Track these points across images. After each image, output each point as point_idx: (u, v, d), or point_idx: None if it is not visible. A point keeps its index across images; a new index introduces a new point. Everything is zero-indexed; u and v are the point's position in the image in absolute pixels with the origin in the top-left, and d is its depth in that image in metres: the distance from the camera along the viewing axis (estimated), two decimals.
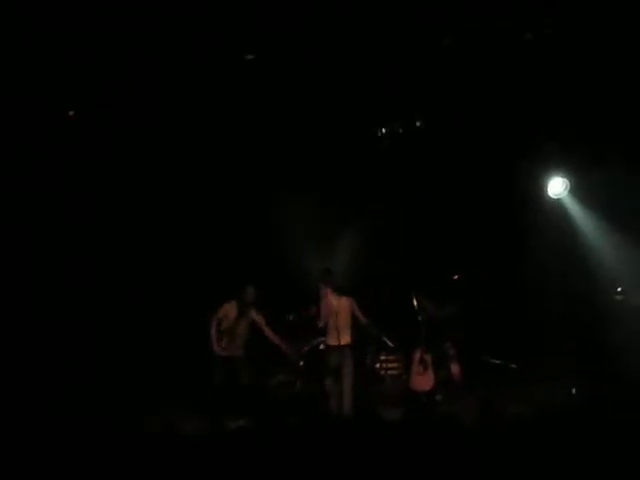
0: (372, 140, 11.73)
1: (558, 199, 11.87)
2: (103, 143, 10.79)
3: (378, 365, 11.49)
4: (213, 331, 9.85)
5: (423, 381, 10.52)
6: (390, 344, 11.59)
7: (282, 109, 10.58)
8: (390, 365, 11.60)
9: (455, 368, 10.84)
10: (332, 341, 9.95)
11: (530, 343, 11.69)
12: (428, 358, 10.55)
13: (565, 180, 11.69)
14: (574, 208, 11.92)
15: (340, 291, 10.12)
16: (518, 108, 10.79)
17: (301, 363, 10.84)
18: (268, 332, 10.02)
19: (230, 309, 9.95)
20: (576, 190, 11.75)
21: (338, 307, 9.96)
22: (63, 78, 9.50)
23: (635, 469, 4.55)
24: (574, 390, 9.01)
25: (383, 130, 11.69)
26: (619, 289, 10.86)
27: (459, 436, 5.44)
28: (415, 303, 10.84)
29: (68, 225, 11.15)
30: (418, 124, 11.53)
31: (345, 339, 9.90)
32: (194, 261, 12.04)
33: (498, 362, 11.87)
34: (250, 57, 9.66)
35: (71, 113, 10.45)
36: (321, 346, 10.89)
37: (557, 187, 11.76)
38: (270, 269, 11.89)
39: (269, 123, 10.84)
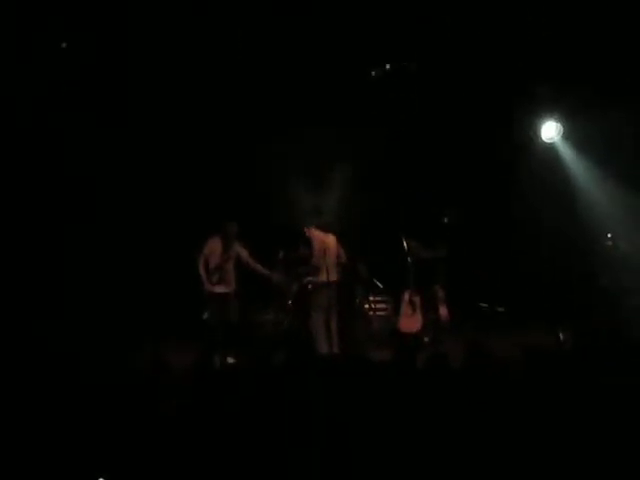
0: (366, 78, 11.58)
1: (551, 143, 11.86)
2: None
3: (367, 306, 11.54)
4: (202, 269, 9.70)
5: (411, 322, 10.58)
6: (379, 285, 11.64)
7: (271, 44, 10.40)
8: (379, 306, 11.66)
9: (443, 310, 10.88)
10: (321, 278, 9.92)
11: (519, 287, 11.76)
12: (417, 300, 10.60)
13: (558, 125, 11.66)
14: (567, 152, 11.90)
15: (325, 228, 10.09)
16: (512, 52, 10.70)
17: (290, 302, 10.83)
18: (254, 265, 9.96)
19: (215, 245, 9.80)
20: (569, 135, 11.73)
21: (327, 243, 9.95)
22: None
23: (621, 407, 4.61)
24: (561, 335, 9.07)
25: (376, 71, 11.55)
26: (609, 235, 10.89)
27: (446, 376, 5.48)
28: (405, 245, 10.84)
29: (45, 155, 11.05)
30: (412, 66, 11.39)
31: (333, 276, 9.88)
32: (181, 195, 11.99)
33: (486, 305, 11.96)
34: None
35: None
36: (309, 286, 10.91)
37: (550, 131, 11.74)
38: (259, 207, 11.89)
39: (260, 58, 10.67)
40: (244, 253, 9.94)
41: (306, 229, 10.01)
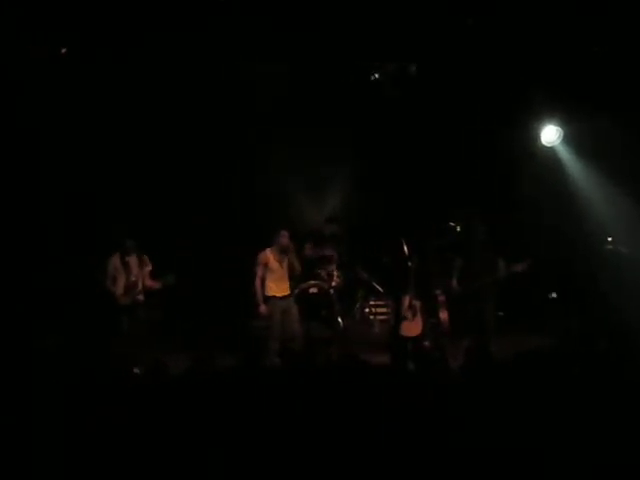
0: (366, 83, 11.60)
1: (552, 147, 11.85)
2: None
3: (367, 310, 11.54)
4: (108, 284, 9.69)
5: (411, 327, 10.55)
6: (379, 289, 11.64)
7: (272, 45, 10.40)
8: (379, 310, 11.66)
9: (444, 315, 10.86)
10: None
11: (519, 291, 11.74)
12: (417, 304, 10.57)
13: (559, 129, 11.65)
14: (567, 156, 11.89)
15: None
16: (513, 56, 10.70)
17: None
18: (147, 281, 9.84)
19: (115, 260, 9.76)
20: (570, 139, 11.72)
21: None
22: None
23: (621, 409, 4.61)
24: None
25: (377, 75, 11.56)
26: (609, 239, 10.89)
27: (445, 381, 5.47)
28: (405, 249, 10.84)
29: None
30: (412, 68, 11.40)
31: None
32: (181, 200, 12.02)
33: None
34: None
35: (64, 50, 10.36)
36: (311, 290, 10.94)
37: (551, 135, 11.73)
38: (260, 213, 11.93)
39: (261, 58, 10.67)
40: (141, 268, 9.86)
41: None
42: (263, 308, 9.69)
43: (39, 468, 4.28)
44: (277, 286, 9.78)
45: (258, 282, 9.71)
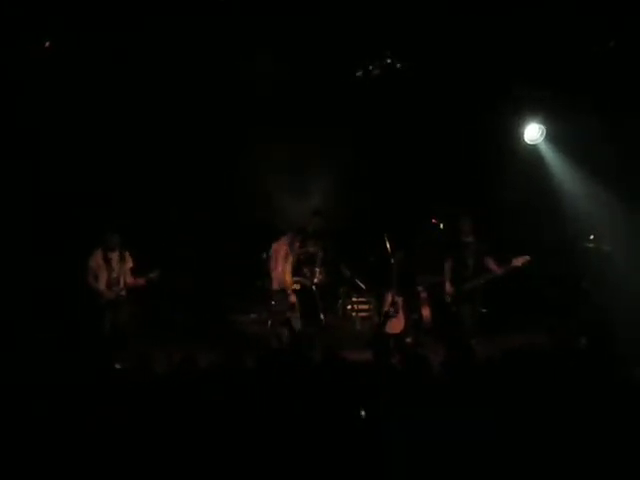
0: (349, 77, 11.57)
1: (534, 145, 11.87)
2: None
3: (349, 307, 11.54)
4: (90, 280, 9.69)
5: (394, 324, 10.55)
6: (362, 286, 11.64)
7: (256, 42, 10.38)
8: (361, 307, 11.66)
9: (426, 311, 10.87)
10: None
11: (501, 288, 11.76)
12: (399, 301, 10.57)
13: (541, 126, 11.67)
14: (549, 154, 11.92)
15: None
16: (496, 54, 10.71)
17: (273, 302, 10.77)
18: (129, 278, 9.88)
19: (97, 256, 9.78)
20: (552, 137, 11.75)
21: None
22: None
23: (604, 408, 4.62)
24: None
25: (360, 71, 11.54)
26: (591, 236, 10.92)
27: (426, 378, 5.46)
28: (388, 245, 10.84)
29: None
30: (397, 66, 11.38)
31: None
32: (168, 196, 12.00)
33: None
34: None
35: (47, 44, 10.28)
36: (295, 286, 10.91)
37: (533, 133, 11.75)
38: (241, 205, 11.93)
39: (246, 55, 10.65)
40: (128, 265, 9.91)
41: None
42: (293, 298, 9.74)
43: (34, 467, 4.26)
44: (290, 279, 10.00)
45: (280, 272, 9.86)
